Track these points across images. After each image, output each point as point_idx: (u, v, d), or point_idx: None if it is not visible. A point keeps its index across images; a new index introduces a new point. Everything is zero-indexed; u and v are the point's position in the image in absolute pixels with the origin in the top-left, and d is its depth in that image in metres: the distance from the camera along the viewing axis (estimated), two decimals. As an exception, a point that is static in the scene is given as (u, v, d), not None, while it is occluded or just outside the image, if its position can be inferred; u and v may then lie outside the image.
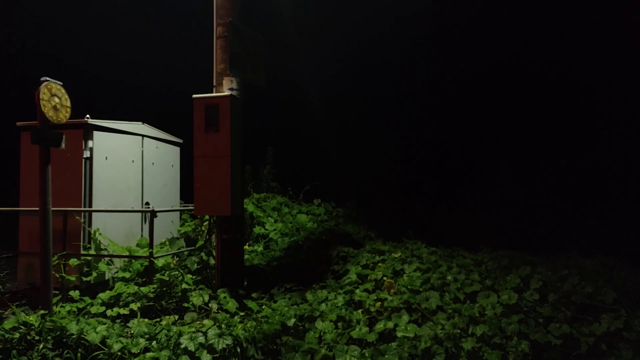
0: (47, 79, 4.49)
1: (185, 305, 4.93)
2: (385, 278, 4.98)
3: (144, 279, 5.54)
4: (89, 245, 5.88)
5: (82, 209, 5.83)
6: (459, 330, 3.74)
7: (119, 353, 3.66)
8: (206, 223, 6.69)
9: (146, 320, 4.43)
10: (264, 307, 4.83)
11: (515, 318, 3.81)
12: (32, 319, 4.00)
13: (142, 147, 6.93)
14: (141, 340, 3.80)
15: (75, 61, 16.53)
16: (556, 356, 3.51)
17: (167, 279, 5.18)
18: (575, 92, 12.79)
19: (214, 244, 5.74)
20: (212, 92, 5.61)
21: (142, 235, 6.68)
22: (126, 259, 5.86)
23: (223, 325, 4.20)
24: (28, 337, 3.81)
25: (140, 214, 6.74)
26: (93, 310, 4.73)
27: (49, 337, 3.82)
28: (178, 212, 7.98)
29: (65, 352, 3.74)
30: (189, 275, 5.50)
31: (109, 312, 4.66)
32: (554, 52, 13.74)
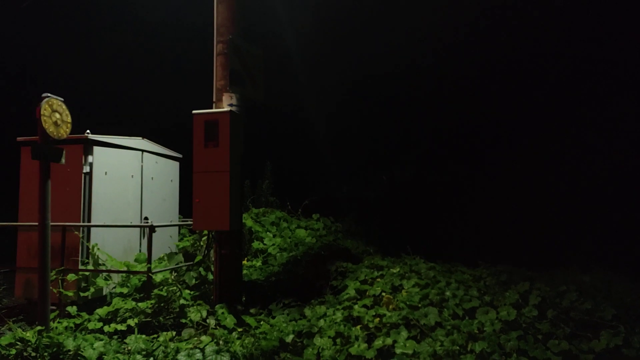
0: (49, 95, 4.54)
1: (183, 321, 4.90)
2: (383, 294, 4.97)
3: (141, 295, 5.52)
4: (87, 260, 5.87)
5: (81, 224, 5.83)
6: (458, 347, 3.72)
7: (116, 370, 3.64)
8: (205, 238, 6.68)
9: (144, 336, 4.40)
10: (262, 322, 4.81)
11: (514, 334, 3.80)
12: (29, 335, 3.98)
13: (142, 162, 6.96)
14: (138, 356, 3.78)
15: (76, 77, 16.67)
16: (555, 373, 3.49)
17: (165, 294, 5.16)
18: (573, 106, 12.89)
19: (213, 259, 5.73)
20: (211, 108, 5.66)
21: (140, 250, 6.67)
22: (124, 274, 5.85)
23: (221, 342, 4.17)
24: (24, 354, 3.79)
25: (138, 229, 6.74)
26: (90, 326, 4.71)
27: (46, 354, 3.80)
28: (177, 227, 7.97)
29: (62, 368, 3.72)
30: (187, 291, 5.48)
31: (106, 328, 4.63)
32: (552, 62, 13.88)
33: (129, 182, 6.66)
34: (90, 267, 5.82)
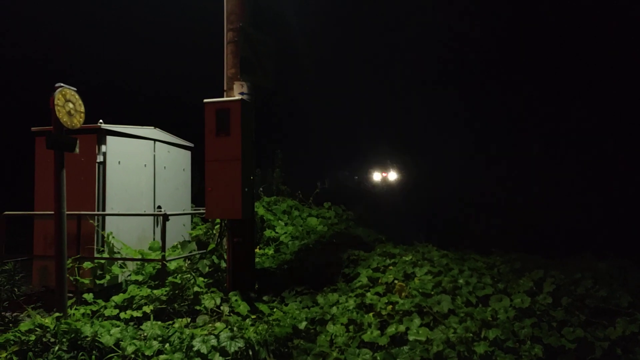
0: (62, 85, 4.56)
1: (198, 308, 4.96)
2: (396, 281, 4.97)
3: (156, 282, 5.59)
4: (102, 249, 5.95)
5: (96, 212, 5.90)
6: (471, 334, 3.72)
7: (133, 355, 3.70)
8: (217, 226, 6.72)
9: (159, 322, 4.46)
10: (275, 310, 4.85)
11: (529, 322, 3.79)
12: (48, 321, 4.05)
13: (154, 151, 7.00)
14: (154, 342, 3.84)
15: (90, 69, 16.79)
16: (570, 360, 3.48)
17: (179, 281, 5.22)
18: (590, 92, 12.65)
19: (225, 247, 5.77)
20: (223, 97, 5.65)
21: (154, 239, 6.74)
22: (139, 262, 5.92)
23: (235, 328, 4.22)
24: (44, 339, 3.87)
25: (152, 217, 6.81)
26: (107, 312, 4.78)
27: (64, 340, 3.87)
28: (189, 216, 8.03)
29: (80, 354, 3.79)
30: (201, 278, 5.54)
31: (122, 315, 4.71)
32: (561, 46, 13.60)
33: (142, 172, 6.71)
34: (105, 255, 5.90)
